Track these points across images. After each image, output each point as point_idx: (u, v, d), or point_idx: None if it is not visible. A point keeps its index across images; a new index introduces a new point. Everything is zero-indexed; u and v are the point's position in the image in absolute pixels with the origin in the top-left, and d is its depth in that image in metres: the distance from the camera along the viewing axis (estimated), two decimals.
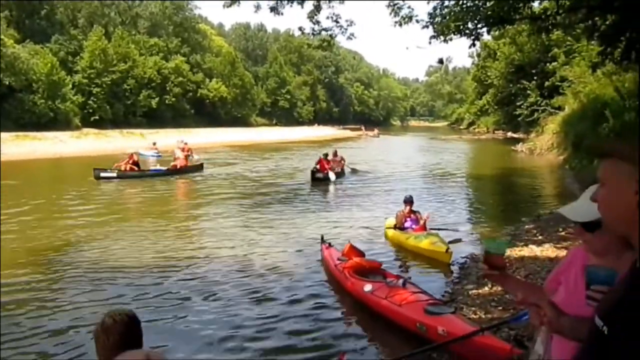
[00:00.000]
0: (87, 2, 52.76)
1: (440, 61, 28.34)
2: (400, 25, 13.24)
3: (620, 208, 1.10)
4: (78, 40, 49.76)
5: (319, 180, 17.01)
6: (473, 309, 5.57)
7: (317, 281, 7.14)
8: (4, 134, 31.04)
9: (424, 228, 9.01)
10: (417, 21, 13.25)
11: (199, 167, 20.80)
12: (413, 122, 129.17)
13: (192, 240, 9.44)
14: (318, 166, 17.48)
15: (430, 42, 12.94)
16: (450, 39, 12.46)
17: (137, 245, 8.87)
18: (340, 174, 18.22)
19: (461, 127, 79.19)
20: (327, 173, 17.23)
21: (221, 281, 7.04)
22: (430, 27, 12.86)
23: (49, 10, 49.13)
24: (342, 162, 19.42)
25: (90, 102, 46.79)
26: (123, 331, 2.06)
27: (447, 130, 78.73)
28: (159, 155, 26.38)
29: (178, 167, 19.48)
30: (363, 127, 65.76)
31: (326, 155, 18.28)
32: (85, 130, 41.73)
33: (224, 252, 8.51)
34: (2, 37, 38.34)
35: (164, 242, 9.17)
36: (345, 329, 5.66)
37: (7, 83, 37.99)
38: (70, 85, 44.91)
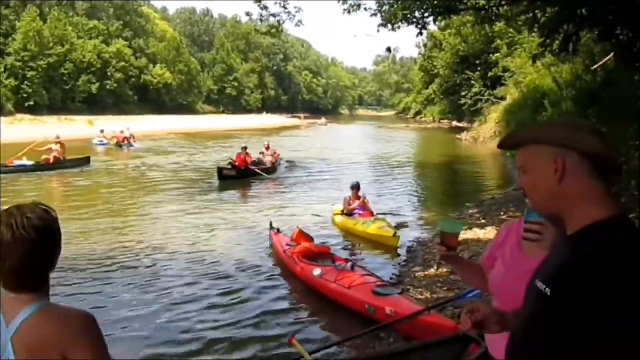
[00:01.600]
0: None
1: (389, 50, 28.86)
2: (349, 13, 13.24)
3: (543, 188, 1.16)
4: (10, 21, 46.90)
5: (228, 178, 14.47)
6: (420, 290, 5.70)
7: (267, 267, 7.10)
8: None
9: (371, 213, 9.11)
10: (366, 9, 13.31)
11: (84, 161, 17.93)
12: (361, 111, 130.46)
13: (132, 233, 8.94)
14: (236, 161, 15.14)
15: (378, 31, 13.05)
16: (398, 28, 12.58)
17: (77, 240, 8.45)
18: (270, 169, 16.14)
19: (408, 116, 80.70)
20: (247, 168, 15.05)
21: (167, 271, 6.86)
22: (379, 15, 12.95)
23: None
24: (276, 155, 17.35)
25: (24, 86, 44.37)
26: (28, 251, 1.32)
27: (394, 120, 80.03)
28: (105, 143, 25.45)
29: (52, 161, 16.41)
30: (302, 116, 65.53)
31: (246, 148, 15.79)
32: (20, 116, 39.55)
33: (169, 243, 8.24)
34: None
35: (102, 236, 8.67)
36: (296, 313, 5.65)
37: None
38: (2, 69, 42.45)
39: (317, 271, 5.91)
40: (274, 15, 13.65)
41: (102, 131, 27.14)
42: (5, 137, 28.16)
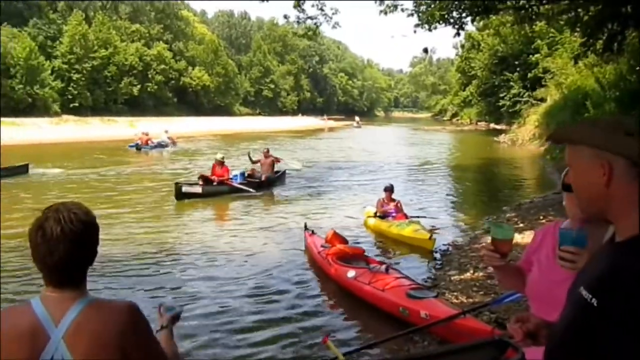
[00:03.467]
0: None
1: (425, 50, 28.27)
2: (386, 13, 13.20)
3: (589, 190, 1.13)
4: (57, 25, 48.80)
5: (191, 196, 11.77)
6: (455, 293, 5.63)
7: (301, 268, 7.16)
8: None
9: (405, 216, 9.05)
10: (402, 10, 13.25)
11: (19, 169, 15.45)
12: (396, 113, 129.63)
13: (169, 233, 9.09)
14: (211, 175, 12.70)
15: (415, 31, 12.99)
16: (435, 28, 12.49)
17: (114, 237, 8.71)
18: (264, 183, 13.46)
19: (444, 118, 79.75)
20: (223, 183, 12.53)
21: (204, 270, 6.97)
22: (415, 15, 12.88)
23: None
24: (276, 162, 14.50)
25: (70, 88, 46.03)
26: (75, 244, 1.37)
27: (430, 122, 79.16)
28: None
29: None
30: (326, 117, 65.67)
31: (222, 159, 13.11)
32: (65, 116, 41.08)
33: (206, 242, 8.40)
34: None
35: (138, 233, 8.93)
36: (329, 314, 5.68)
37: None
38: (50, 71, 44.08)
39: (351, 273, 5.92)
40: (311, 18, 13.75)
41: (146, 134, 26.96)
42: (52, 136, 29.43)
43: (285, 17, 14.33)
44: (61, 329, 1.35)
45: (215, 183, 12.54)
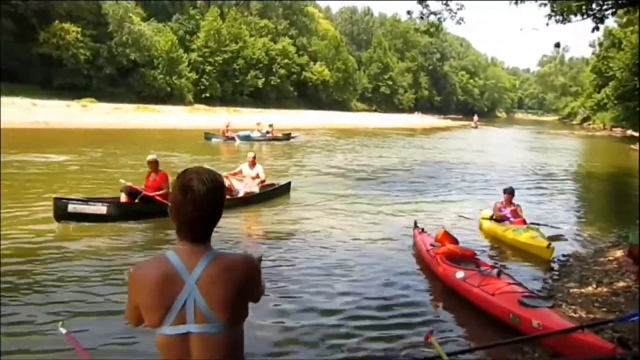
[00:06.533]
0: None
1: (557, 45, 26.34)
2: (516, 3, 12.51)
3: None
4: (195, 20, 52.75)
5: (82, 217, 7.79)
6: (573, 307, 5.27)
7: (408, 265, 7.08)
8: (127, 105, 34.39)
9: (523, 221, 8.60)
10: None
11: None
12: (519, 115, 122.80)
13: (279, 226, 9.09)
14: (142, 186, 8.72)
15: (547, 24, 12.16)
16: (569, 21, 11.60)
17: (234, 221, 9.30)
18: (257, 198, 10.46)
19: (573, 122, 73.99)
20: (151, 200, 8.31)
21: (312, 261, 7.03)
22: (548, 5, 12.06)
23: None
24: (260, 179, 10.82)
25: (202, 79, 49.65)
26: (215, 202, 1.63)
27: (556, 125, 73.83)
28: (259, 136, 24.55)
29: None
30: (420, 113, 64.14)
31: (156, 163, 8.78)
32: (197, 106, 44.53)
33: (316, 234, 8.48)
34: (130, 14, 41.71)
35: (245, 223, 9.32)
36: (434, 312, 5.59)
37: (132, 58, 41.40)
38: (186, 63, 47.85)
39: (460, 274, 5.78)
40: (434, 14, 13.49)
41: (258, 124, 25.72)
42: (185, 123, 32.16)
43: (409, 12, 14.20)
44: (194, 276, 1.60)
45: (137, 200, 8.47)
